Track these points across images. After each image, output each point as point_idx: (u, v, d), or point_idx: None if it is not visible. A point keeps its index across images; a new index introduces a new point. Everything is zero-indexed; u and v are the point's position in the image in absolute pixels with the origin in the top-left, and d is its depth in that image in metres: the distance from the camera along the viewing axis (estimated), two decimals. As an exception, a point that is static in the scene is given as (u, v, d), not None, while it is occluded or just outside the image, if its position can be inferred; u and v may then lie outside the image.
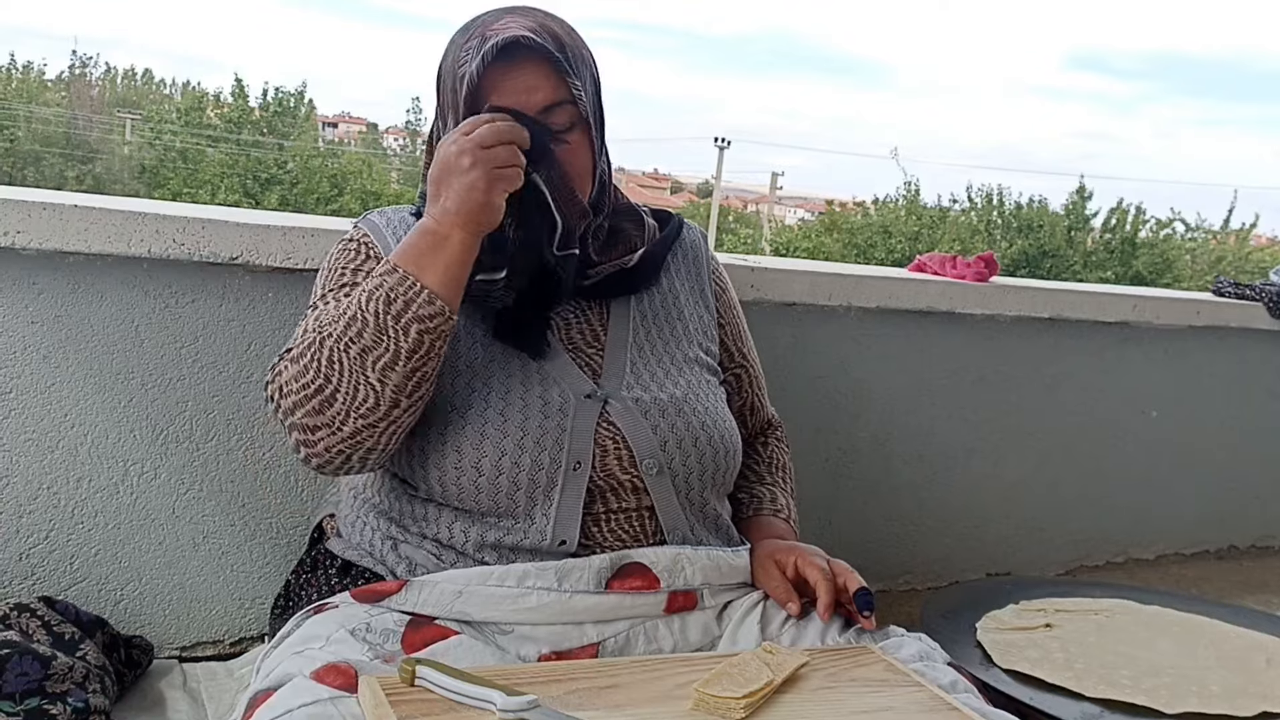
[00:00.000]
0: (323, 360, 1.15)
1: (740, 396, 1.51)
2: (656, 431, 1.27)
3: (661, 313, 1.39)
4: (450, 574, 1.20)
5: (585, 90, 1.25)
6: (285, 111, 27.88)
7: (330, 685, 1.02)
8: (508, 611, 1.18)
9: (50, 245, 1.51)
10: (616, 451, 1.25)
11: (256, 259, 1.62)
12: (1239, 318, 2.76)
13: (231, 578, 1.69)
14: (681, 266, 1.46)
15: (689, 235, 1.49)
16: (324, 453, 1.19)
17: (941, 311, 2.29)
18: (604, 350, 1.33)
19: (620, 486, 1.26)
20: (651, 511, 1.27)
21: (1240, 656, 1.67)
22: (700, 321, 1.43)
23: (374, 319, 1.14)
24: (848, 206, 26.43)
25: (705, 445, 1.30)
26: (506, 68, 1.21)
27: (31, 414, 1.56)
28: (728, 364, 1.49)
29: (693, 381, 1.34)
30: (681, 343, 1.38)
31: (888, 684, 1.13)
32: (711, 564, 1.27)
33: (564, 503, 1.23)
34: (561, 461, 1.23)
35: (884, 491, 2.32)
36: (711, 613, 1.28)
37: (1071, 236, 21.74)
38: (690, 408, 1.31)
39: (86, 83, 31.97)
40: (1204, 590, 2.52)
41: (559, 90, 1.22)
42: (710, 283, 1.48)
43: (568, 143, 1.24)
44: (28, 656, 1.31)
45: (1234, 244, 21.91)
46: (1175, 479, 2.78)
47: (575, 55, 1.25)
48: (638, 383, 1.31)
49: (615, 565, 1.22)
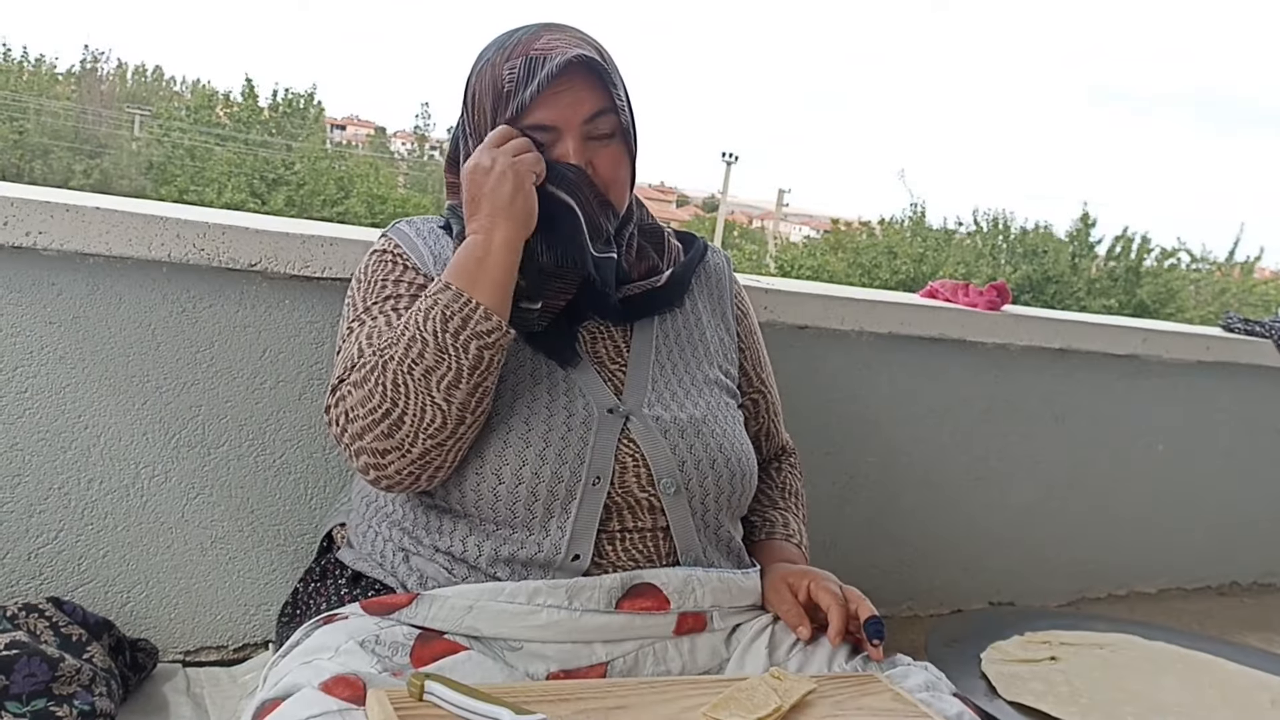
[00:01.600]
0: (387, 384, 1.16)
1: (757, 421, 1.51)
2: (675, 451, 1.28)
3: (684, 333, 1.40)
4: (461, 589, 1.19)
5: (626, 102, 1.28)
6: (294, 112, 27.93)
7: (339, 697, 1.02)
8: (517, 628, 1.18)
9: (71, 247, 1.52)
10: (635, 469, 1.26)
11: (275, 266, 1.62)
12: (1248, 354, 2.76)
13: (238, 583, 1.69)
14: (705, 289, 1.47)
15: (713, 259, 1.50)
16: (394, 475, 1.19)
17: (952, 339, 2.30)
18: (627, 367, 1.33)
19: (637, 505, 1.26)
20: (666, 532, 1.27)
21: (1245, 697, 1.67)
22: (721, 344, 1.44)
23: (434, 339, 1.15)
24: (853, 226, 26.46)
25: (723, 467, 1.31)
26: (554, 84, 1.23)
27: (46, 414, 1.56)
28: (746, 388, 1.49)
29: (712, 403, 1.35)
30: (703, 364, 1.39)
31: (894, 713, 1.13)
32: (722, 586, 1.27)
33: (581, 517, 1.23)
34: (582, 475, 1.23)
35: (889, 517, 2.31)
36: (720, 635, 1.28)
37: (1076, 263, 21.76)
38: (709, 429, 1.31)
39: (97, 78, 32.05)
40: (1206, 626, 2.52)
41: (603, 99, 1.25)
42: (732, 307, 1.49)
43: (608, 148, 1.27)
44: (35, 658, 1.31)
45: (1238, 276, 21.93)
46: (1180, 513, 2.78)
47: (614, 68, 1.29)
48: (659, 401, 1.31)
49: (626, 585, 1.22)
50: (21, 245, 1.50)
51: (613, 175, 1.27)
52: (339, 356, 1.27)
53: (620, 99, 1.27)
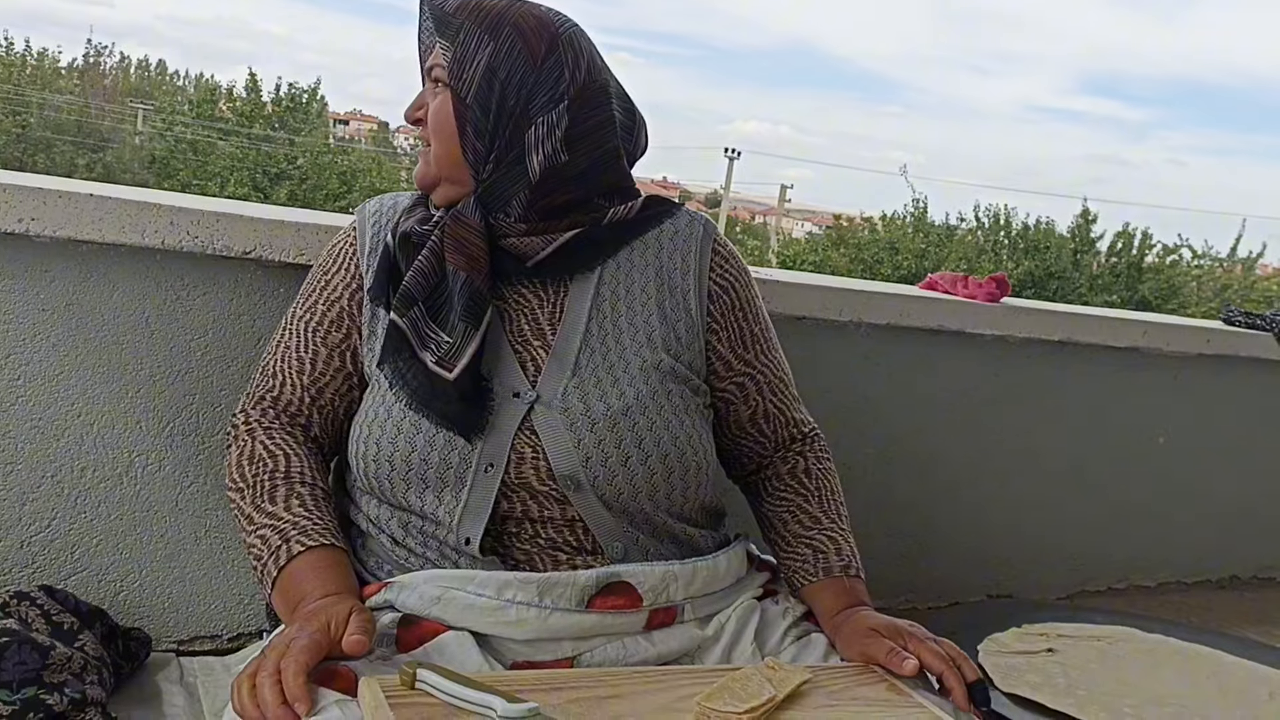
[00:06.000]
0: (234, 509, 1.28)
1: (748, 405, 1.40)
2: (580, 445, 1.22)
3: (625, 314, 1.31)
4: (431, 574, 1.18)
5: (466, 60, 1.26)
6: (298, 107, 27.89)
7: (332, 689, 1.01)
8: (484, 624, 1.16)
9: (64, 233, 1.51)
10: (534, 460, 1.22)
11: (269, 254, 1.61)
12: (1248, 347, 2.75)
13: (232, 573, 1.69)
14: (665, 261, 1.35)
15: (684, 226, 1.38)
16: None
17: (952, 331, 2.29)
18: (550, 346, 1.27)
19: (538, 495, 1.23)
20: (581, 523, 1.24)
21: (1242, 689, 1.66)
22: (674, 325, 1.32)
23: (251, 557, 1.23)
24: (855, 222, 26.44)
25: (639, 464, 1.23)
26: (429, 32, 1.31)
27: (39, 401, 1.55)
28: (725, 373, 1.38)
29: (643, 391, 1.26)
30: (642, 348, 1.29)
31: (890, 703, 1.12)
32: (701, 579, 1.25)
33: (471, 502, 1.21)
34: (472, 461, 1.21)
35: (888, 508, 2.31)
36: (692, 624, 1.25)
37: (1078, 259, 21.75)
38: (631, 421, 1.24)
39: (100, 71, 32.03)
40: (1205, 620, 2.51)
41: (439, 54, 1.29)
42: (703, 281, 1.36)
43: (438, 97, 1.29)
44: (26, 646, 1.30)
45: (1240, 273, 21.92)
46: (1180, 506, 2.77)
47: (469, 26, 1.26)
48: (578, 388, 1.24)
49: (601, 582, 1.19)
50: (14, 231, 1.49)
51: (434, 122, 1.29)
52: (261, 362, 1.36)
53: (451, 52, 1.26)
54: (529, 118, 1.26)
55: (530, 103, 1.26)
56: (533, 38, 1.27)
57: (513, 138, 1.26)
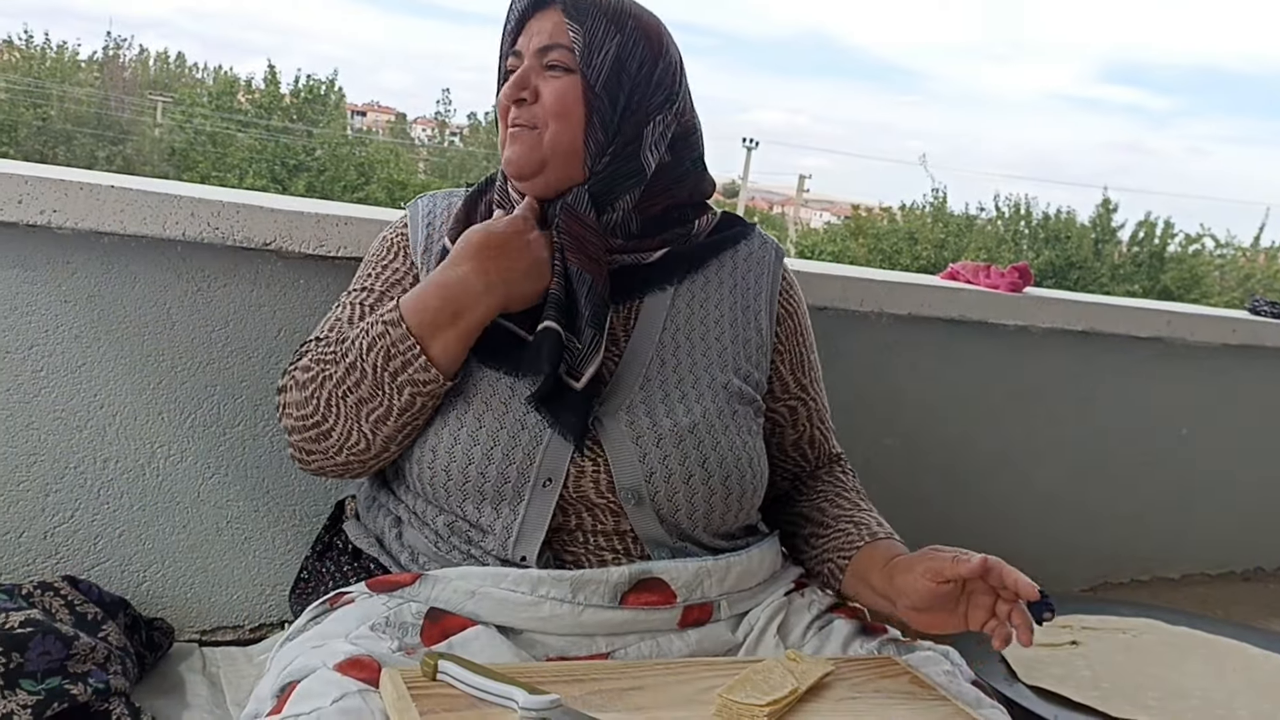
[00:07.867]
0: (321, 401, 1.20)
1: (795, 430, 1.42)
2: (645, 460, 1.21)
3: (698, 330, 1.30)
4: (464, 571, 1.17)
5: (595, 47, 1.23)
6: (315, 99, 28.00)
7: (355, 678, 1.01)
8: (519, 619, 1.16)
9: (86, 225, 1.51)
10: (595, 474, 1.20)
11: (290, 245, 1.61)
12: (1274, 337, 2.73)
13: (254, 563, 1.69)
14: (739, 281, 1.36)
15: (758, 249, 1.39)
16: (318, 471, 1.28)
17: (974, 321, 2.27)
18: (620, 358, 1.26)
19: (595, 508, 1.22)
20: (631, 534, 1.23)
21: (1269, 681, 1.65)
22: (745, 345, 1.33)
23: (372, 373, 1.17)
24: (874, 212, 26.33)
25: (700, 484, 1.22)
26: (530, 14, 1.26)
27: (61, 393, 1.56)
28: (781, 394, 1.39)
29: (710, 410, 1.25)
30: (712, 366, 1.29)
31: (913, 696, 1.12)
32: (735, 575, 1.24)
33: (529, 518, 1.19)
34: (531, 476, 1.19)
35: (911, 501, 2.28)
36: (728, 624, 1.25)
37: (1099, 249, 21.62)
38: (697, 439, 1.23)
39: (119, 64, 32.14)
40: (1230, 612, 2.49)
41: (561, 35, 1.23)
42: (773, 304, 1.38)
43: (558, 80, 1.23)
44: (50, 635, 1.31)
45: (1263, 262, 21.76)
46: (1204, 498, 2.75)
47: (596, 12, 1.24)
48: (644, 403, 1.23)
49: (634, 579, 1.18)
50: (36, 224, 1.49)
51: (557, 106, 1.22)
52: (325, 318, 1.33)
53: (581, 38, 1.22)
54: (648, 114, 1.26)
55: (650, 99, 1.26)
56: (652, 35, 1.27)
57: (631, 133, 1.26)
